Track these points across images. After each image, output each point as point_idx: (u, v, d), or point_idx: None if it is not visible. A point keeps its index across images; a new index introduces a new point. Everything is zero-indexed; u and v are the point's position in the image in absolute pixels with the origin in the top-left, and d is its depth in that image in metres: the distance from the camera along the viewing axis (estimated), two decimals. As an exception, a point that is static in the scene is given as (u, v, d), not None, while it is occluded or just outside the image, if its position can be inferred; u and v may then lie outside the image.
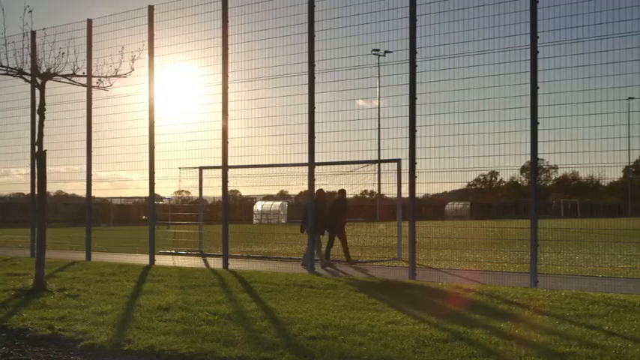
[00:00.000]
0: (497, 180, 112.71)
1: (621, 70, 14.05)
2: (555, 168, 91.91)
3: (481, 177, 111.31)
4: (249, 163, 20.85)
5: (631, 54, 13.86)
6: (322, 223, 19.71)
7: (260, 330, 9.64)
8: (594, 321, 10.06)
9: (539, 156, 14.49)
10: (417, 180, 15.72)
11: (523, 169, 66.89)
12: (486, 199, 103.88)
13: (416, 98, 15.59)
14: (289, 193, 64.81)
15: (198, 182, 25.91)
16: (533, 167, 14.61)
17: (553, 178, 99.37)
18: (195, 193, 27.61)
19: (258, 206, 65.65)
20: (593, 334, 9.09)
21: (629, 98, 15.00)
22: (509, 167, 15.49)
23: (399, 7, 16.15)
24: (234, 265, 18.69)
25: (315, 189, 18.42)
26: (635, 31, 13.76)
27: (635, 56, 13.84)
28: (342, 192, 21.34)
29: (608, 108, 14.31)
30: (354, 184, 23.91)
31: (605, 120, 14.24)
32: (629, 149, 15.42)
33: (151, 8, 19.99)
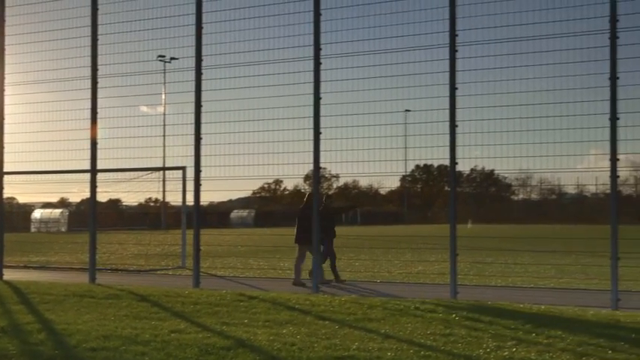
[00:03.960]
0: (282, 188, 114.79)
1: (399, 83, 14.70)
2: (337, 177, 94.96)
3: (266, 185, 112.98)
4: (27, 169, 19.97)
5: (407, 68, 14.53)
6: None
7: (37, 343, 9.26)
8: (372, 325, 10.43)
9: (322, 165, 14.87)
10: (203, 188, 15.68)
11: (306, 178, 68.46)
12: (271, 206, 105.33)
13: (202, 106, 15.53)
14: (70, 200, 63.02)
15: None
16: (316, 176, 14.96)
17: (335, 186, 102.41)
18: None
19: (37, 214, 63.33)
20: (370, 338, 9.41)
21: (406, 110, 15.72)
22: (293, 176, 15.85)
23: (186, 14, 16.06)
24: (9, 275, 17.85)
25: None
26: (411, 47, 14.44)
27: (411, 70, 14.52)
28: (329, 197, 18.93)
29: (387, 119, 14.95)
30: (139, 192, 23.57)
31: (383, 131, 14.86)
32: (405, 159, 16.14)
33: None
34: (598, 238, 18.83)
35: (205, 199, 16.06)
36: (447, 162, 13.81)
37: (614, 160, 12.60)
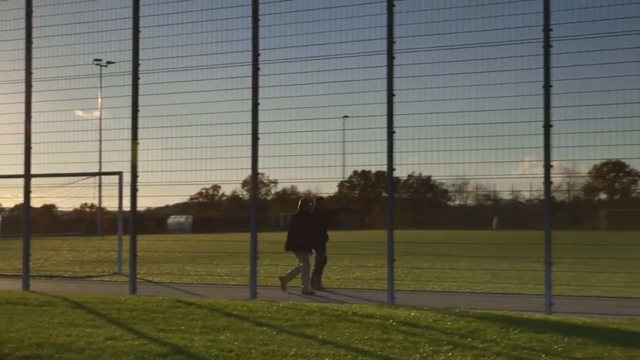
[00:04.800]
0: (220, 194, 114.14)
1: (337, 89, 14.77)
2: (275, 182, 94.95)
3: (203, 191, 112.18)
4: (-42, 175, 19.57)
5: (345, 74, 14.61)
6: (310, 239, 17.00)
7: (-32, 351, 9.08)
8: (310, 330, 10.44)
9: (260, 171, 14.84)
10: (139, 193, 15.52)
11: (244, 184, 68.36)
12: (208, 212, 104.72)
13: (138, 110, 15.39)
14: (3, 206, 61.95)
15: None
16: (254, 182, 14.93)
17: (273, 192, 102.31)
18: None
19: (-33, 220, 62.10)
20: (308, 344, 9.42)
21: (344, 117, 15.80)
22: (231, 181, 15.74)
23: (122, 18, 15.90)
24: (-61, 282, 17.45)
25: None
26: (349, 54, 14.53)
27: (349, 77, 14.60)
28: (320, 200, 18.03)
29: (325, 125, 14.99)
30: (74, 197, 23.25)
31: (322, 137, 14.90)
32: (343, 165, 16.22)
33: None
34: (532, 244, 19.13)
35: (142, 204, 15.94)
36: (384, 168, 13.87)
37: (547, 166, 12.81)
